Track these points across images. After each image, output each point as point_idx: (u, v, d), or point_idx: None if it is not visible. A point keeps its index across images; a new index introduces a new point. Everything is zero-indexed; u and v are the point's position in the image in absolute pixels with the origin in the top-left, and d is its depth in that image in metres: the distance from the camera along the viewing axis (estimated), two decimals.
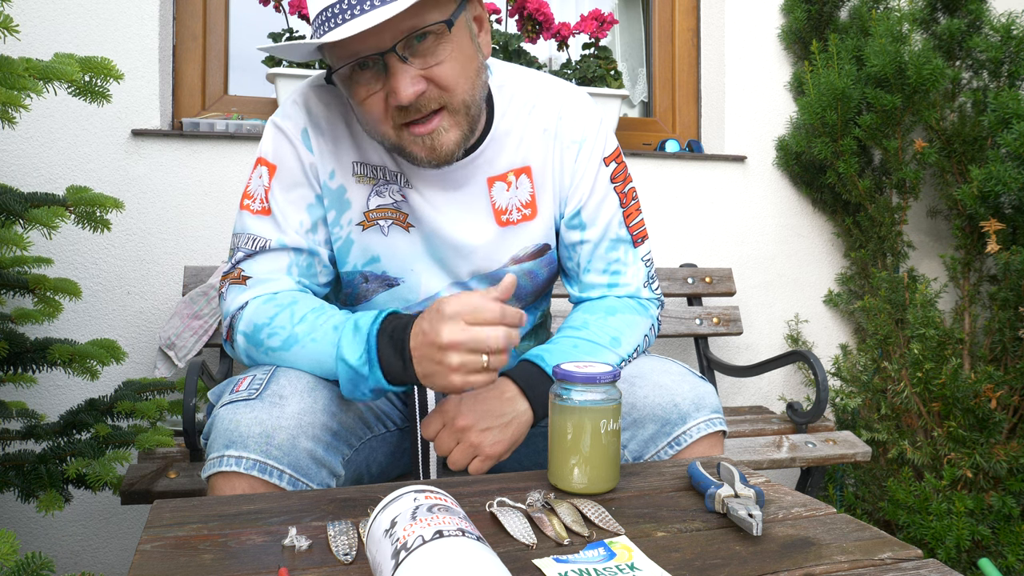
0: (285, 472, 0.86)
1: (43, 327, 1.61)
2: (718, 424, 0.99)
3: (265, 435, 0.86)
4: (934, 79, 1.93)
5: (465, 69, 0.92)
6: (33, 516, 1.72)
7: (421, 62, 0.89)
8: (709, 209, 2.23)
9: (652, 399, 0.98)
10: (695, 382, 1.01)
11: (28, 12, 1.73)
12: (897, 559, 0.68)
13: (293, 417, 0.88)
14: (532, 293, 1.13)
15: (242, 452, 0.85)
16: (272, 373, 0.94)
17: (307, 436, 0.88)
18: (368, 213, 1.02)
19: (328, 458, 0.91)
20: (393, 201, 1.02)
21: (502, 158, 1.04)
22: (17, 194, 1.19)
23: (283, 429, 0.86)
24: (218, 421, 0.89)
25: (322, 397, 0.92)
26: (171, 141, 1.81)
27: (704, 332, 2.04)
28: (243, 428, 0.86)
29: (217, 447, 0.87)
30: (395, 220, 1.03)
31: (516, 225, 1.05)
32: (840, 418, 2.18)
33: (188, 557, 0.66)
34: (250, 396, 0.90)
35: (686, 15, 2.38)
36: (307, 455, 0.88)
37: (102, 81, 1.18)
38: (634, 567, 0.66)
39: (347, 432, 0.95)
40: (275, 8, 1.95)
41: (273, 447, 0.86)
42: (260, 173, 1.02)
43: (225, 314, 1.01)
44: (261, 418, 0.87)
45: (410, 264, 1.05)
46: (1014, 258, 1.87)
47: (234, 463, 0.85)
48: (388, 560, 0.55)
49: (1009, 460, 1.85)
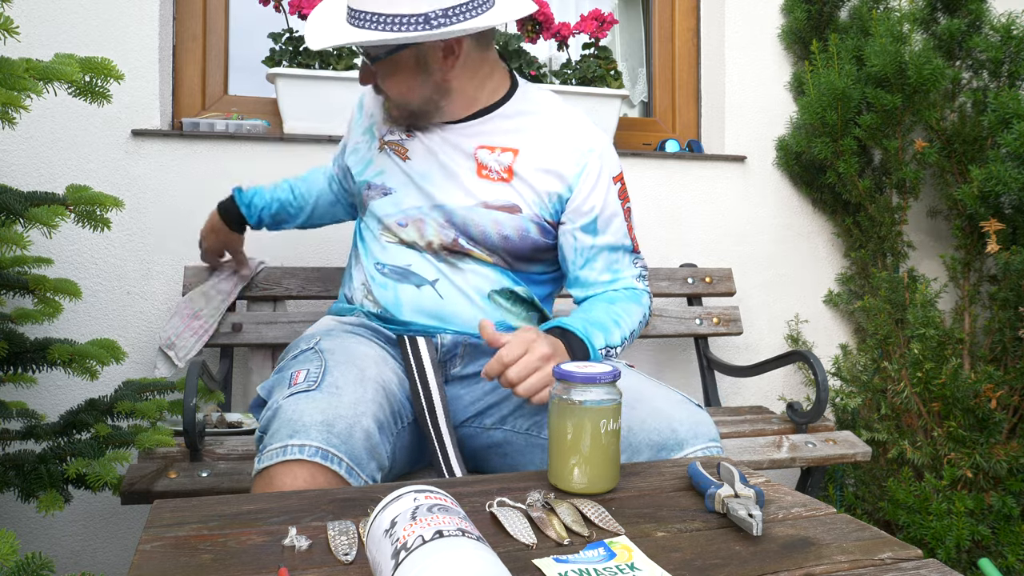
0: (343, 460, 0.91)
1: (43, 327, 1.61)
2: (715, 452, 1.02)
3: (327, 423, 0.92)
4: (934, 79, 1.93)
5: (402, 85, 1.22)
6: (33, 516, 1.72)
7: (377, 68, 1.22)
8: (709, 209, 2.23)
9: (650, 424, 1.01)
10: (693, 410, 1.06)
11: (28, 12, 1.73)
12: (897, 559, 0.68)
13: (350, 406, 0.95)
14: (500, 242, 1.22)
15: (305, 440, 0.90)
16: (325, 367, 1.02)
17: (361, 426, 0.94)
18: (382, 140, 1.32)
19: (379, 449, 0.96)
20: (400, 138, 1.30)
21: (497, 136, 1.25)
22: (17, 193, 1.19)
23: (342, 418, 0.93)
24: (282, 412, 0.95)
25: (371, 388, 1.00)
26: (171, 141, 1.81)
27: (704, 332, 2.04)
28: (306, 417, 0.92)
29: (280, 437, 0.92)
30: (397, 152, 1.29)
31: (492, 181, 1.23)
32: (840, 418, 2.18)
33: (188, 557, 0.66)
34: (309, 387, 0.97)
35: (686, 15, 2.38)
36: (361, 445, 0.93)
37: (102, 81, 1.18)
38: (634, 567, 0.66)
39: (389, 422, 1.02)
40: (275, 8, 1.95)
41: (333, 435, 0.91)
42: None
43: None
44: (322, 406, 0.94)
45: (402, 180, 1.28)
46: (1014, 258, 1.87)
47: (297, 451, 0.89)
48: (388, 560, 0.55)
49: (1009, 460, 1.85)
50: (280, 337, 1.73)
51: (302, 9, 1.89)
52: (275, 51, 1.93)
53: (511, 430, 1.17)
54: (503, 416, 1.18)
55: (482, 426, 1.21)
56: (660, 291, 2.05)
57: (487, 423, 1.20)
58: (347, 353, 1.09)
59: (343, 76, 1.89)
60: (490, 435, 1.20)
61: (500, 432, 1.18)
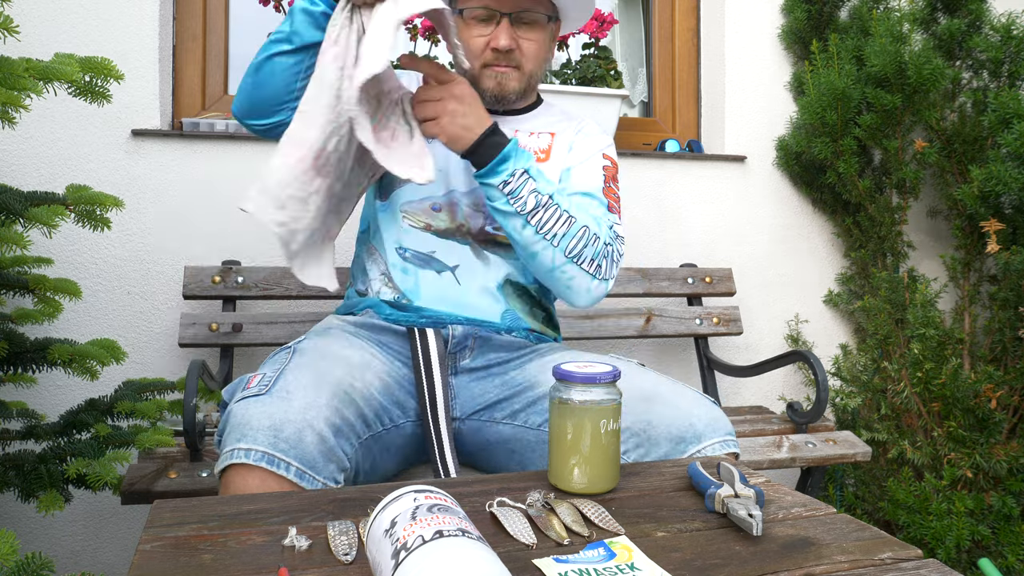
0: (292, 464, 0.90)
1: (43, 327, 1.61)
2: (732, 446, 1.06)
3: (274, 428, 0.91)
4: (934, 79, 1.93)
5: (540, 52, 1.29)
6: (33, 516, 1.72)
7: (521, 32, 1.25)
8: (709, 209, 2.23)
9: (668, 417, 1.05)
10: (710, 406, 1.10)
11: (28, 12, 1.73)
12: (897, 559, 0.68)
13: (300, 411, 0.94)
14: None
15: (252, 445, 0.90)
16: (280, 372, 1.01)
17: (313, 429, 0.93)
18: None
19: (336, 452, 0.95)
20: None
21: (535, 123, 1.35)
22: (17, 193, 1.19)
23: (291, 422, 0.92)
24: (231, 417, 0.95)
25: (326, 392, 0.98)
26: (171, 141, 1.81)
27: (704, 332, 2.04)
28: (253, 421, 0.92)
29: (230, 441, 0.92)
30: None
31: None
32: (840, 418, 2.18)
33: (188, 557, 0.66)
34: (260, 392, 0.97)
35: (686, 15, 2.38)
36: (314, 448, 0.92)
37: (102, 81, 1.18)
38: (634, 567, 0.66)
39: (348, 428, 1.00)
40: (275, 8, 1.95)
41: (281, 440, 0.91)
42: None
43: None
44: (270, 411, 0.93)
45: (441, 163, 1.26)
46: (1014, 258, 1.87)
47: (243, 455, 0.90)
48: (388, 560, 0.55)
49: (1009, 460, 1.85)
50: (280, 337, 1.73)
51: None
52: None
53: (522, 425, 1.17)
54: (515, 411, 1.18)
55: (491, 419, 1.20)
56: (660, 291, 2.05)
57: (497, 416, 1.19)
58: (320, 355, 1.07)
59: None
60: (499, 430, 1.19)
61: (510, 428, 1.18)
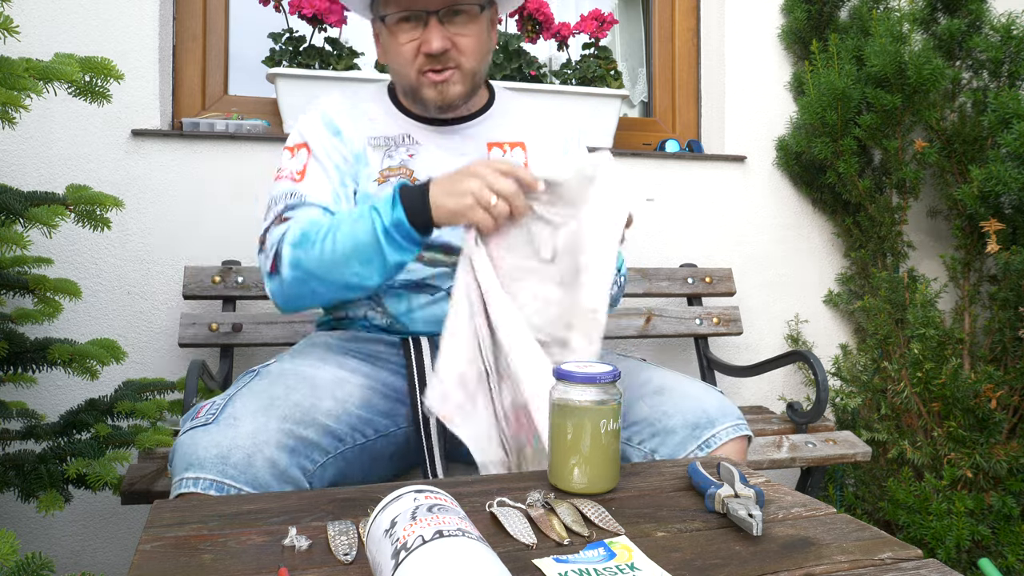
0: (243, 489, 0.89)
1: (43, 327, 1.61)
2: (744, 429, 1.08)
3: (221, 456, 0.90)
4: (934, 79, 1.93)
5: (480, 46, 1.19)
6: (33, 516, 1.72)
7: (453, 29, 1.16)
8: (709, 209, 2.23)
9: (682, 407, 1.08)
10: (719, 396, 1.13)
11: (28, 12, 1.73)
12: (897, 559, 0.68)
13: (248, 436, 0.93)
14: None
15: (199, 473, 0.89)
16: (229, 399, 0.99)
17: (263, 454, 0.92)
18: (382, 172, 1.23)
19: (290, 472, 0.93)
20: (400, 161, 1.23)
21: (500, 131, 1.29)
22: (17, 193, 1.19)
23: (239, 448, 0.91)
24: (178, 447, 0.94)
25: (276, 416, 0.97)
26: (171, 141, 1.81)
27: (704, 332, 2.04)
28: (200, 451, 0.91)
29: (178, 471, 0.91)
30: (402, 175, 1.23)
31: None
32: (840, 418, 2.18)
33: (188, 557, 0.66)
34: (207, 421, 0.95)
35: (686, 15, 2.38)
36: (265, 471, 0.91)
37: (102, 81, 1.18)
38: (634, 567, 0.66)
39: (308, 447, 0.97)
40: (275, 8, 1.95)
41: (229, 466, 0.90)
42: (293, 156, 1.23)
43: (270, 247, 1.14)
44: (217, 440, 0.92)
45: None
46: (1014, 258, 1.87)
47: (191, 484, 0.89)
48: (388, 560, 0.55)
49: (1009, 460, 1.85)
50: (280, 337, 1.73)
51: (302, 9, 1.89)
52: (275, 51, 1.93)
53: None
54: None
55: None
56: (660, 291, 2.04)
57: None
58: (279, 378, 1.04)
59: (343, 76, 1.89)
60: None
61: None
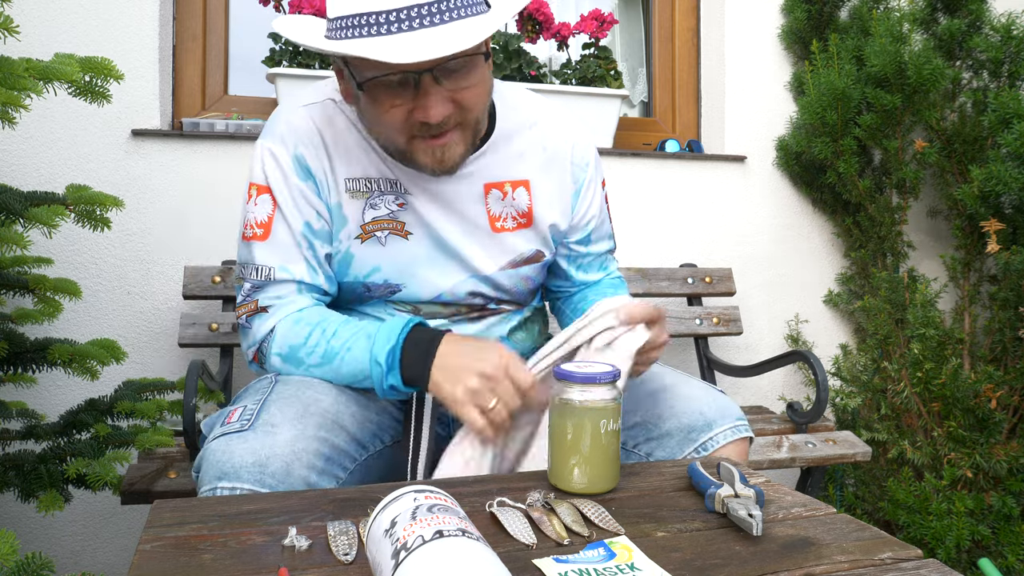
0: None
1: (43, 327, 1.61)
2: (743, 431, 1.04)
3: (259, 464, 0.85)
4: (934, 79, 1.93)
5: (484, 90, 0.97)
6: (33, 516, 1.72)
7: (452, 84, 0.91)
8: (709, 209, 2.23)
9: (678, 409, 1.04)
10: (719, 395, 1.08)
11: (28, 12, 1.73)
12: (897, 559, 0.68)
13: (287, 444, 0.87)
14: (528, 292, 1.19)
15: (235, 483, 0.84)
16: (262, 403, 0.94)
17: (302, 463, 0.88)
18: (365, 226, 1.05)
19: (323, 483, 0.90)
20: (389, 212, 1.05)
21: (501, 168, 1.08)
22: (17, 193, 1.19)
23: (278, 457, 0.86)
24: (209, 453, 0.88)
25: (312, 424, 0.92)
26: (171, 141, 1.81)
27: (704, 332, 2.04)
28: (236, 459, 0.85)
29: (209, 479, 0.85)
30: (392, 230, 1.06)
31: (512, 232, 1.11)
32: (840, 418, 2.18)
33: (188, 557, 0.66)
34: (242, 427, 0.89)
35: (686, 15, 2.38)
36: (302, 482, 0.87)
37: (102, 81, 1.18)
38: (634, 567, 0.66)
39: (340, 455, 0.95)
40: (275, 8, 1.95)
41: (267, 475, 0.85)
42: (256, 200, 1.05)
43: (252, 342, 1.06)
44: (254, 447, 0.86)
45: (411, 270, 1.08)
46: (1014, 258, 1.87)
47: (227, 493, 0.84)
48: (388, 560, 0.55)
49: (1009, 460, 1.85)
50: None
51: (302, 9, 1.89)
52: (275, 51, 1.93)
53: None
54: None
55: None
56: (660, 291, 2.04)
57: None
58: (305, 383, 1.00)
59: None
60: None
61: None
